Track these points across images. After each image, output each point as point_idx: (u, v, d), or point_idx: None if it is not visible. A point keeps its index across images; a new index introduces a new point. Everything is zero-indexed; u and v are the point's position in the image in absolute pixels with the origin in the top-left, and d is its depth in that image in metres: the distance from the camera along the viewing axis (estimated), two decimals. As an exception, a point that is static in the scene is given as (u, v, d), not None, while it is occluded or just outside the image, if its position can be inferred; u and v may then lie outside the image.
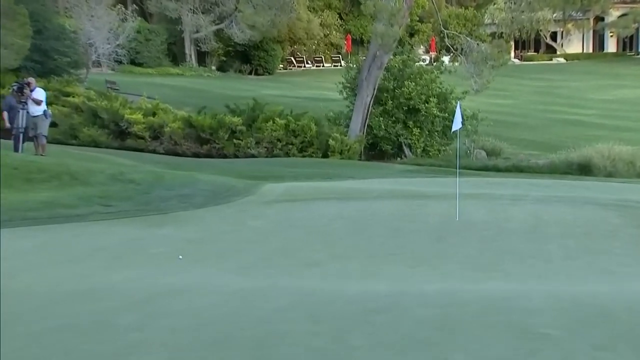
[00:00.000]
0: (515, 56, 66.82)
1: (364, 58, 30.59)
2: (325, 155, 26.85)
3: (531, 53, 70.49)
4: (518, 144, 30.14)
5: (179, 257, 8.59)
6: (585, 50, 70.55)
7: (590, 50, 70.85)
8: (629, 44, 69.78)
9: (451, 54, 34.29)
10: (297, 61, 62.95)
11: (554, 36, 71.12)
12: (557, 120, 37.73)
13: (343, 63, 52.93)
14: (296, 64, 62.92)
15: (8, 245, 8.83)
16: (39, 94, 18.32)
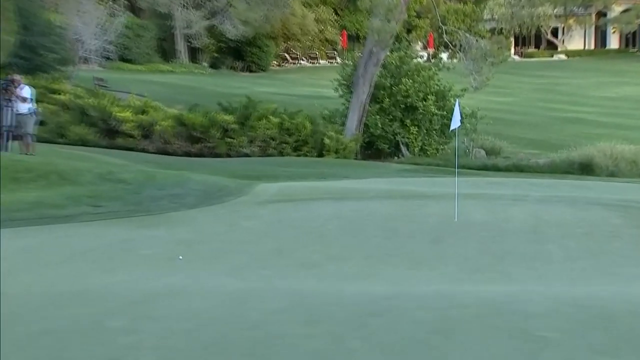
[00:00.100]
0: (515, 53, 66.94)
1: (360, 54, 30.62)
2: (320, 154, 26.87)
3: (531, 49, 70.62)
4: (518, 143, 30.19)
5: (179, 258, 8.64)
6: (587, 47, 70.70)
7: (592, 47, 71.00)
8: (631, 40, 69.95)
9: (450, 51, 34.38)
10: (292, 58, 62.94)
11: (555, 32, 71.26)
12: (558, 119, 37.81)
13: (338, 60, 52.97)
14: (290, 61, 62.91)
15: (-6, 246, 8.82)
16: (25, 91, 18.30)
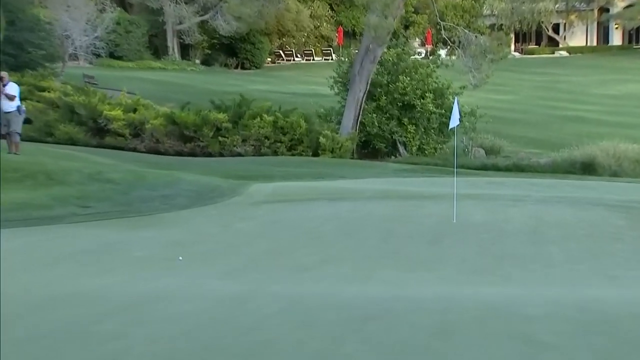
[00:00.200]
0: (515, 49, 67.01)
1: (357, 51, 30.62)
2: (315, 153, 26.87)
3: (532, 46, 70.71)
4: (518, 142, 30.22)
5: (179, 259, 8.66)
6: (589, 43, 70.81)
7: (595, 43, 71.12)
8: (635, 36, 70.07)
9: (448, 47, 34.39)
10: (286, 54, 62.94)
11: (556, 28, 71.34)
12: (560, 117, 37.86)
13: (334, 56, 52.93)
14: (285, 58, 62.90)
15: (-20, 249, 8.80)
16: (12, 88, 18.27)
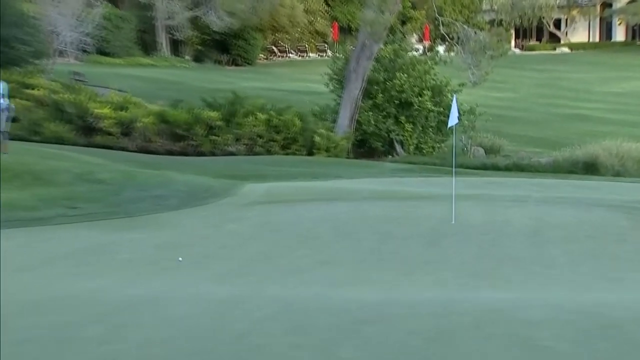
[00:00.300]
0: (515, 45, 67.07)
1: (352, 47, 30.61)
2: (310, 152, 26.86)
3: (533, 42, 70.78)
4: (519, 141, 30.26)
5: (179, 259, 8.66)
6: (591, 39, 70.91)
7: (597, 39, 71.21)
8: (638, 32, 70.17)
9: (446, 43, 34.39)
10: (280, 51, 62.88)
11: (557, 24, 71.42)
12: (561, 115, 37.91)
13: (329, 53, 52.89)
14: (279, 54, 62.85)
15: (-36, 251, 8.78)
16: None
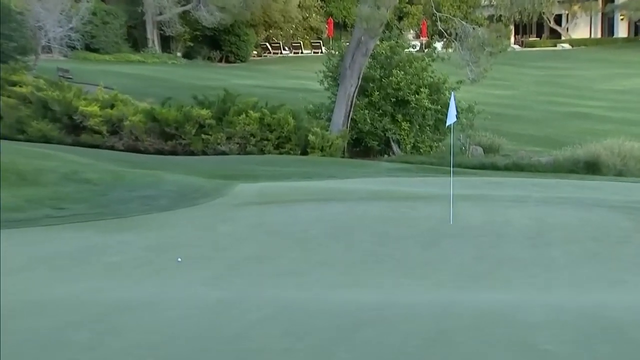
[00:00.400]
0: (515, 42, 67.19)
1: (348, 44, 30.61)
2: (304, 152, 26.85)
3: (533, 38, 70.89)
4: (518, 140, 30.30)
5: (178, 260, 8.66)
6: (592, 36, 71.05)
7: (599, 35, 71.35)
8: (641, 28, 70.38)
9: (444, 40, 34.38)
10: (273, 47, 62.88)
11: (558, 20, 71.56)
12: (562, 113, 37.97)
13: (324, 49, 52.90)
14: (272, 51, 62.85)
15: (-54, 253, 8.75)
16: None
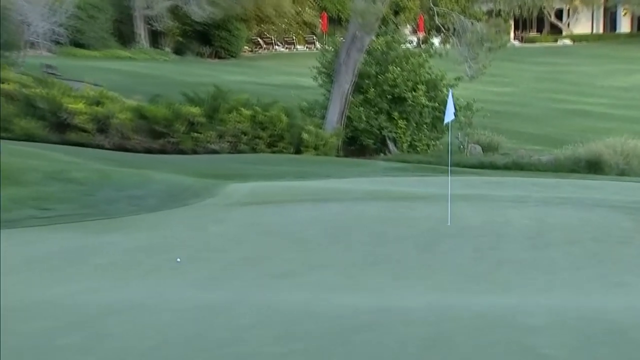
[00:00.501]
0: (515, 37, 67.23)
1: (342, 39, 30.63)
2: (297, 150, 26.85)
3: (533, 34, 70.97)
4: (518, 138, 30.35)
5: (177, 260, 8.66)
6: (594, 31, 71.15)
7: (601, 31, 71.46)
8: (644, 23, 70.47)
9: (442, 35, 34.45)
10: (265, 43, 62.84)
11: (559, 14, 71.65)
12: (563, 111, 38.04)
13: (318, 45, 52.95)
14: (264, 46, 62.81)
15: None
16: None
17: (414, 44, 38.83)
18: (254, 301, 6.88)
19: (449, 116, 11.94)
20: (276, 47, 62.83)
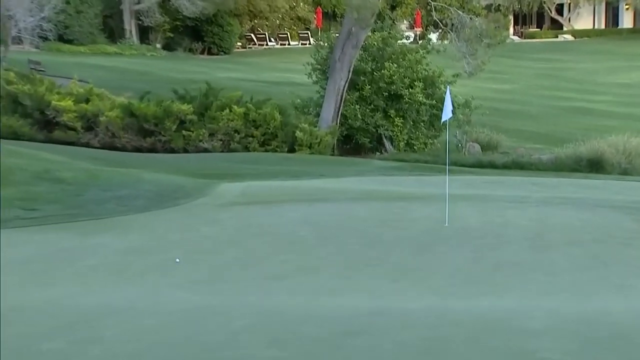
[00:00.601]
0: (514, 33, 67.33)
1: (337, 35, 30.63)
2: (291, 149, 26.84)
3: (533, 29, 71.09)
4: (518, 136, 30.39)
5: (177, 261, 8.65)
6: (596, 26, 71.29)
7: (603, 26, 71.60)
8: (646, 19, 70.60)
9: (440, 31, 34.46)
10: (258, 38, 62.85)
11: (559, 9, 71.76)
12: (564, 108, 38.11)
13: (312, 41, 52.89)
14: (257, 42, 62.82)
15: None
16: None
17: (411, 39, 38.88)
18: (247, 303, 6.88)
19: (447, 114, 11.95)
20: (269, 43, 62.85)
